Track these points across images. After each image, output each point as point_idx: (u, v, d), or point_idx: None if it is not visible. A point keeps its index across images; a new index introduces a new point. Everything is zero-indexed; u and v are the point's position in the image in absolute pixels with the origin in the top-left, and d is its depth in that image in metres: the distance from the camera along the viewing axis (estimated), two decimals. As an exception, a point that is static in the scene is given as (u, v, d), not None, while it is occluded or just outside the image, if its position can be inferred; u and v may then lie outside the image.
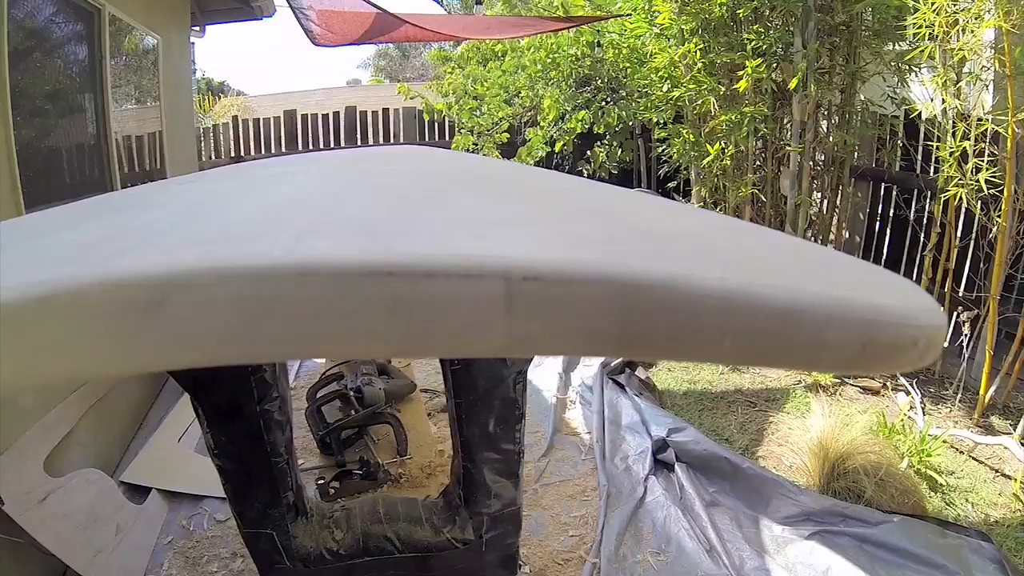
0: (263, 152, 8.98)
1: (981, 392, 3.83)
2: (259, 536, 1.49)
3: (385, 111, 9.28)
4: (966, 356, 4.08)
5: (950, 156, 3.87)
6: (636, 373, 4.42)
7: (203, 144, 8.72)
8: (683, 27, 5.25)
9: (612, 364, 4.44)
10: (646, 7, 5.58)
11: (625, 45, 6.27)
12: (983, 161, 3.72)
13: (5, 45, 3.39)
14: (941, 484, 3.26)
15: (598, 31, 6.81)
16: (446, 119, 8.51)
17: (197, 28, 7.18)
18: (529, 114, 7.56)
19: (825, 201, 5.24)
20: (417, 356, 1.41)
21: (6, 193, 3.45)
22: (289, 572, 1.51)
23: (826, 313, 0.54)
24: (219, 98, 15.16)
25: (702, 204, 5.73)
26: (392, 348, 0.53)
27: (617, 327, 0.52)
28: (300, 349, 0.53)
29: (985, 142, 3.74)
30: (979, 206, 3.83)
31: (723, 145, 5.19)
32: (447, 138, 8.84)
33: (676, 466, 3.27)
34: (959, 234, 4.24)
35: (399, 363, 3.43)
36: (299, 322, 0.50)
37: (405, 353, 0.55)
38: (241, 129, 9.02)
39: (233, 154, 8.87)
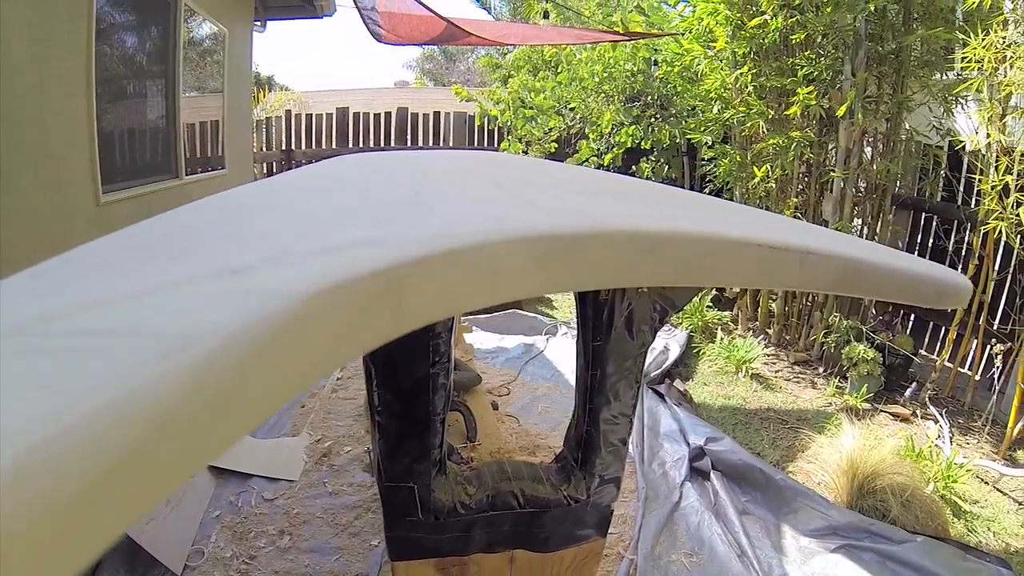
0: (313, 147, 9.18)
1: (1010, 425, 3.89)
2: (399, 490, 1.63)
3: (436, 114, 9.45)
4: (996, 389, 4.15)
5: (992, 189, 3.94)
6: (675, 384, 4.56)
7: (255, 136, 8.94)
8: (736, 50, 5.36)
9: (652, 375, 4.59)
10: (700, 30, 5.71)
11: (678, 64, 6.40)
12: (1024, 196, 3.80)
13: (93, 32, 3.60)
14: (965, 511, 3.35)
15: (656, 49, 6.93)
16: (496, 125, 8.66)
17: (259, 23, 7.41)
18: (579, 126, 7.69)
19: (865, 228, 5.32)
20: (759, 286, 3.21)
21: (86, 169, 3.67)
22: (417, 525, 1.67)
23: (924, 277, 1.38)
24: (267, 92, 15.43)
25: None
26: (754, 282, 1.58)
27: (839, 278, 1.23)
28: (719, 279, 1.26)
29: (1027, 177, 3.82)
30: (1018, 240, 3.89)
31: (769, 168, 5.30)
32: (495, 144, 8.99)
33: (712, 474, 3.40)
34: (997, 267, 4.30)
35: (463, 356, 3.60)
36: (726, 268, 1.12)
37: (758, 284, 1.82)
38: (293, 123, 9.22)
39: (284, 147, 9.08)
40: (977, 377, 4.48)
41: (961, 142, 4.36)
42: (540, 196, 1.42)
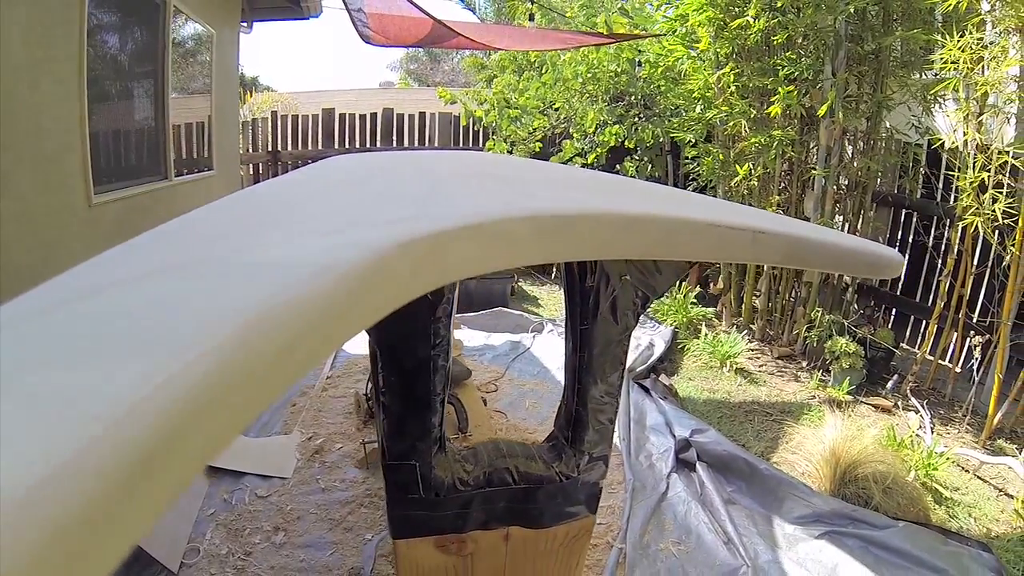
0: (299, 148, 9.18)
1: (989, 415, 3.98)
2: (401, 467, 1.72)
3: (422, 115, 9.49)
4: (976, 381, 4.23)
5: (969, 186, 4.02)
6: (660, 379, 4.62)
7: (240, 137, 8.91)
8: (719, 51, 5.44)
9: (637, 370, 4.65)
10: (684, 31, 5.78)
11: (661, 64, 6.47)
12: (1001, 192, 3.88)
13: (85, 35, 3.62)
14: (946, 498, 3.43)
15: (639, 50, 7.00)
16: (481, 126, 8.70)
17: (245, 24, 7.42)
18: (563, 126, 7.75)
19: (847, 225, 5.40)
20: (719, 260, 3.24)
21: (78, 171, 3.69)
22: (418, 502, 1.75)
23: (860, 251, 1.68)
24: (252, 93, 15.41)
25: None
26: (715, 256, 1.76)
27: (787, 252, 1.51)
28: (684, 253, 1.45)
29: (1004, 174, 3.91)
30: (995, 235, 3.98)
31: (751, 166, 5.38)
32: (481, 144, 9.03)
33: (698, 465, 3.47)
34: (975, 261, 4.39)
35: (452, 351, 3.65)
36: (690, 244, 1.35)
37: (718, 258, 2.26)
38: (280, 124, 9.20)
39: (270, 148, 9.07)
40: (958, 369, 4.57)
41: (939, 140, 4.43)
42: (538, 188, 1.63)
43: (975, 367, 4.23)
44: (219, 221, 1.07)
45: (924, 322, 4.93)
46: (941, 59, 4.08)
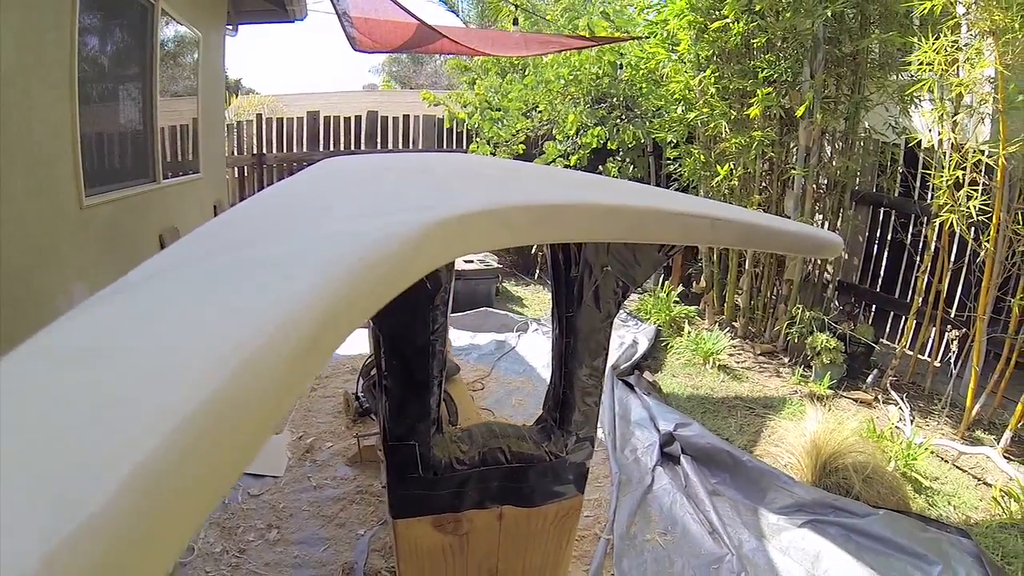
0: (284, 151, 9.17)
1: (967, 407, 4.07)
2: (401, 448, 1.81)
3: (406, 117, 9.54)
4: (954, 374, 4.32)
5: (945, 184, 4.11)
6: (644, 375, 4.69)
7: (226, 140, 8.88)
8: (699, 54, 5.52)
9: (622, 367, 4.71)
10: (664, 34, 5.86)
11: (643, 67, 6.54)
12: (975, 190, 3.98)
13: (76, 39, 3.64)
14: (925, 487, 3.51)
15: (621, 53, 7.07)
16: (464, 128, 8.75)
17: (231, 27, 7.42)
18: (546, 127, 7.80)
19: (826, 223, 5.49)
20: (683, 243, 2.75)
21: (69, 174, 3.71)
22: (417, 482, 1.84)
23: (804, 235, 2.06)
24: (236, 96, 15.37)
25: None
26: (680, 240, 1.92)
27: (742, 236, 1.83)
28: (655, 237, 1.73)
29: (978, 172, 4.00)
30: (971, 232, 4.07)
31: (732, 166, 5.46)
32: (464, 146, 9.07)
33: (682, 458, 3.53)
34: (952, 258, 4.48)
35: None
36: (658, 229, 1.61)
37: (683, 241, 2.16)
38: (265, 127, 9.19)
39: (255, 151, 9.05)
40: (936, 363, 4.66)
41: (916, 139, 4.52)
42: (529, 185, 1.85)
43: (953, 361, 4.32)
44: (262, 215, 1.24)
45: (903, 318, 5.02)
46: (917, 61, 4.16)
